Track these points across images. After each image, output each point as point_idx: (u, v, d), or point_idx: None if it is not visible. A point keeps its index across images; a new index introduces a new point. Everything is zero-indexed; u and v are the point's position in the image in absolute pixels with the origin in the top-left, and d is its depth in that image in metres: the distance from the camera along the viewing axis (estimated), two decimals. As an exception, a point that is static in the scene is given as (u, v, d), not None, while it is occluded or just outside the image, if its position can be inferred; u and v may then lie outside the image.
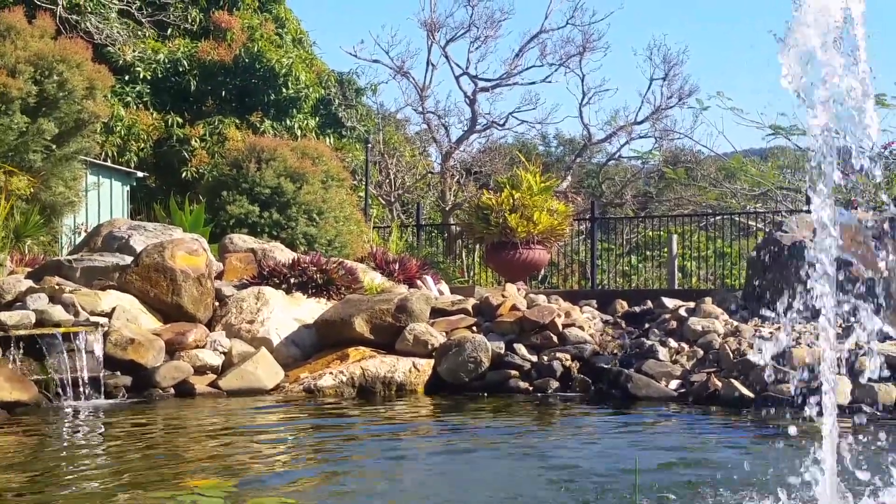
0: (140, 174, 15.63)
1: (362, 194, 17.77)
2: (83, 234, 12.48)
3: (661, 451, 5.66)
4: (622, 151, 26.89)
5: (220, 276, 9.73)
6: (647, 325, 8.86)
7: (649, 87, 24.89)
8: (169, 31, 18.62)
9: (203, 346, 8.28)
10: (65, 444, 6.01)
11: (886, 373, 6.35)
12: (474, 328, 8.86)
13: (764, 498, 4.07)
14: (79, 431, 6.50)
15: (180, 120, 17.60)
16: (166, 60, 17.98)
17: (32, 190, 11.14)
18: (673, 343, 8.27)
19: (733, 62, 54.25)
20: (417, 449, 5.94)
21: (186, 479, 4.60)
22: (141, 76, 17.57)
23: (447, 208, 22.72)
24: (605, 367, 8.16)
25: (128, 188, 15.16)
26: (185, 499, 4.19)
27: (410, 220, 20.60)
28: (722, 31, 56.28)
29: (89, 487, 4.53)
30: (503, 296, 9.34)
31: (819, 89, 3.62)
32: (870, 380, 6.97)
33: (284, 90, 18.43)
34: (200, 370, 8.09)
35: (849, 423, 6.36)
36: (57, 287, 8.13)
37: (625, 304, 9.67)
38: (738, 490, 4.22)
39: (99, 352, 7.65)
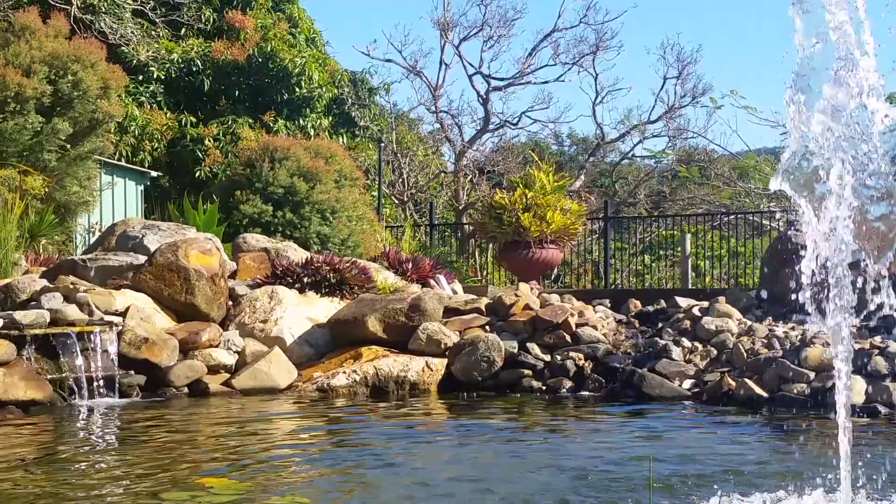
0: (154, 174, 15.65)
1: (375, 194, 17.79)
2: (97, 234, 12.52)
3: (674, 449, 5.65)
4: (635, 150, 26.86)
5: (233, 275, 9.75)
6: (660, 325, 8.84)
7: (663, 86, 24.80)
8: (182, 30, 18.66)
9: (217, 346, 8.29)
10: (79, 443, 6.02)
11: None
12: (487, 327, 8.85)
13: (779, 497, 4.06)
14: (93, 430, 6.52)
15: (194, 119, 17.63)
16: (180, 60, 18.02)
17: (47, 189, 11.18)
18: (686, 342, 8.25)
19: (747, 60, 54.08)
20: (430, 449, 5.94)
21: (201, 479, 4.61)
22: (155, 76, 17.62)
23: (460, 207, 22.70)
24: (619, 366, 8.15)
25: (142, 188, 15.20)
26: (202, 498, 4.20)
27: (423, 219, 20.60)
28: (736, 29, 56.10)
29: (103, 487, 4.54)
30: (516, 295, 9.32)
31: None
32: (884, 378, 6.95)
33: (298, 90, 18.44)
34: (214, 369, 8.11)
35: (864, 422, 6.35)
36: (71, 286, 8.15)
37: (638, 303, 9.66)
38: (752, 488, 4.21)
39: (113, 351, 7.68)
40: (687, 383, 7.82)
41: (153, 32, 17.70)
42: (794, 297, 3.83)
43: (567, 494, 4.39)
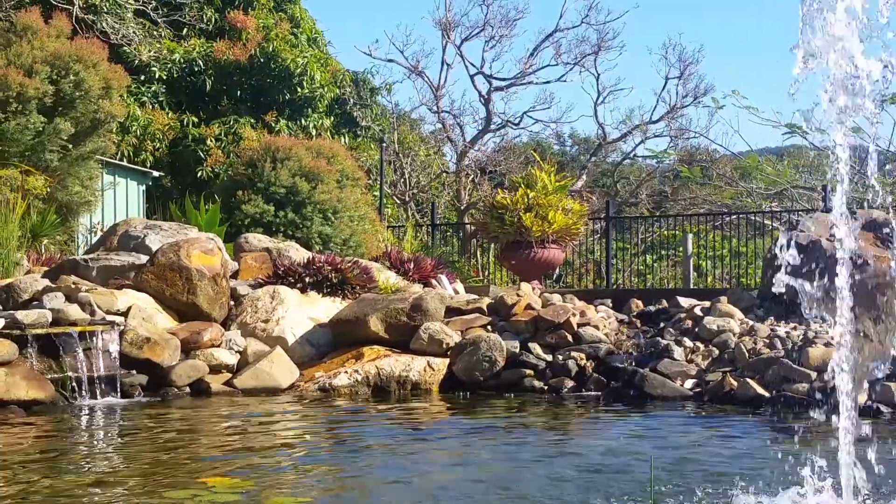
0: (156, 174, 15.65)
1: (377, 194, 17.79)
2: (99, 234, 12.52)
3: (675, 449, 5.65)
4: (637, 150, 26.85)
5: (235, 275, 9.75)
6: (662, 325, 8.84)
7: (664, 86, 24.79)
8: (184, 31, 18.66)
9: (218, 345, 8.30)
10: (81, 442, 6.03)
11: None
12: (489, 327, 8.85)
13: (780, 497, 4.05)
14: (95, 430, 6.53)
15: (196, 119, 17.63)
16: (182, 60, 18.02)
17: (49, 189, 11.18)
18: (688, 342, 8.25)
19: (749, 60, 54.13)
20: (431, 448, 5.94)
21: (203, 478, 4.61)
22: (157, 76, 17.61)
23: (462, 207, 22.72)
24: (621, 366, 8.14)
25: (143, 188, 15.21)
26: (203, 497, 4.20)
27: (425, 219, 20.61)
28: (737, 29, 56.15)
29: (104, 485, 4.55)
30: (518, 295, 9.32)
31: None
32: (887, 379, 6.94)
33: (299, 90, 18.44)
34: (216, 369, 8.12)
35: (866, 422, 6.34)
36: (73, 286, 8.16)
37: (640, 303, 9.65)
38: (752, 488, 4.21)
39: (115, 351, 7.68)
40: (689, 383, 7.82)
41: (155, 32, 17.70)
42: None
43: (567, 493, 4.39)
